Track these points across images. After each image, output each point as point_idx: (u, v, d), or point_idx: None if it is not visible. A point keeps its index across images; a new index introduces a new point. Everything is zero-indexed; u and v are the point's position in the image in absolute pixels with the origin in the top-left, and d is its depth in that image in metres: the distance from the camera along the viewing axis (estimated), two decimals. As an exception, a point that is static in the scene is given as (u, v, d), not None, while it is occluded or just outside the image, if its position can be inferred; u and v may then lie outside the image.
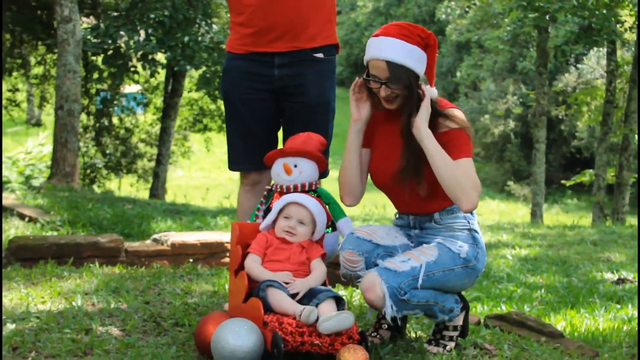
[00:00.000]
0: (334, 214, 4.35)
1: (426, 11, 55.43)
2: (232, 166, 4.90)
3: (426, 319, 4.62)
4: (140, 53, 18.03)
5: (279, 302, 3.70)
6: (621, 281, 7.89)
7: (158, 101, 26.75)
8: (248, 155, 4.76)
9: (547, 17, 20.25)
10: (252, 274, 3.88)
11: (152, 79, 24.07)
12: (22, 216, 9.35)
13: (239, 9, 4.69)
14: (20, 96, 26.60)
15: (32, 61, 23.68)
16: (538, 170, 21.76)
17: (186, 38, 17.66)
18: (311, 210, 4.02)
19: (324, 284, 3.94)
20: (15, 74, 22.99)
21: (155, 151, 25.20)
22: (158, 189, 22.21)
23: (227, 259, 6.55)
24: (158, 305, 4.74)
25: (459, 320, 4.19)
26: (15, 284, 5.12)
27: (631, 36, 22.19)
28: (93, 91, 22.39)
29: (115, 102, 23.54)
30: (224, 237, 6.81)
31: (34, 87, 26.56)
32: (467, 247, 4.02)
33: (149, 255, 6.50)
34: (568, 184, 27.42)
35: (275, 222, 4.06)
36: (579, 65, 39.39)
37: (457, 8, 45.33)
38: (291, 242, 3.98)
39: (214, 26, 18.88)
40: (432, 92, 3.99)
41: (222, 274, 5.91)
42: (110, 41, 17.74)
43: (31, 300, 4.69)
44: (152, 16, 17.70)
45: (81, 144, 22.82)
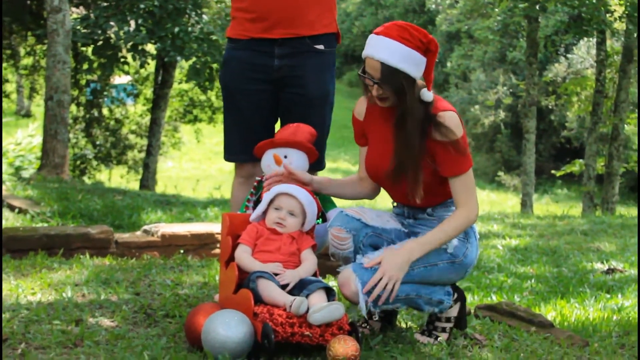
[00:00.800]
0: (324, 205, 4.35)
1: (416, 1, 55.37)
2: (228, 156, 4.88)
3: (416, 310, 4.63)
4: (130, 44, 18.00)
5: (269, 293, 3.70)
6: (611, 271, 7.91)
7: (148, 92, 26.71)
8: (244, 146, 4.74)
9: (537, 7, 20.28)
10: (243, 265, 3.88)
11: (142, 70, 24.04)
12: (12, 207, 9.33)
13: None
14: (9, 87, 26.54)
15: (22, 52, 23.63)
16: (528, 160, 21.80)
17: (176, 29, 17.64)
18: (301, 201, 4.02)
19: (315, 275, 3.94)
20: (4, 65, 22.92)
21: (145, 142, 25.19)
22: (148, 180, 22.20)
23: (218, 250, 6.55)
24: (148, 296, 4.74)
25: (453, 311, 4.18)
26: (5, 276, 5.11)
27: (621, 26, 22.21)
28: (83, 82, 22.36)
29: (105, 93, 23.52)
30: (215, 228, 6.82)
31: (24, 78, 26.51)
32: (456, 242, 4.00)
33: (140, 246, 6.50)
34: (558, 174, 27.49)
35: (265, 213, 4.06)
36: (569, 55, 39.45)
37: (447, -2, 45.32)
38: (281, 233, 3.98)
39: (204, 17, 18.85)
40: (428, 96, 3.94)
41: (213, 265, 5.91)
42: (100, 32, 17.71)
43: (21, 291, 4.68)
44: (142, 6, 17.67)
45: (71, 135, 22.79)
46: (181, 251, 6.54)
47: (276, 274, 3.79)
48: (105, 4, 18.39)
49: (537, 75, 22.91)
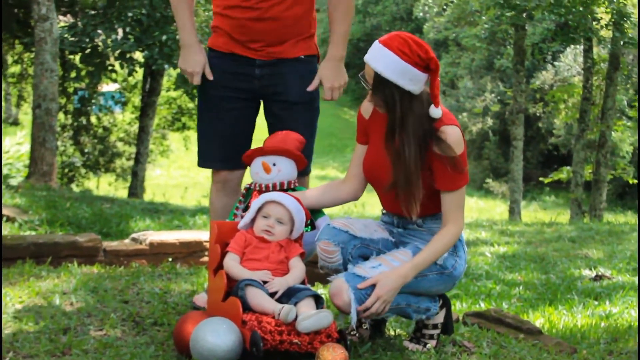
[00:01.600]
0: (313, 213, 4.35)
1: (404, 9, 55.46)
2: (203, 163, 4.85)
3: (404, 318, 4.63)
4: (118, 52, 17.99)
5: (258, 301, 3.70)
6: (599, 278, 7.94)
7: (136, 100, 26.69)
8: (221, 153, 4.74)
9: (524, 15, 20.36)
10: (231, 273, 3.88)
11: (130, 78, 24.04)
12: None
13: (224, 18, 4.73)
14: (-3, 95, 26.46)
15: (9, 60, 23.57)
16: (516, 167, 21.87)
17: (164, 36, 17.61)
18: (290, 209, 4.02)
19: (303, 283, 3.94)
20: (-9, 74, 22.89)
21: (133, 150, 25.15)
22: (137, 188, 22.17)
23: (206, 258, 6.54)
24: (137, 304, 4.73)
25: (439, 318, 4.19)
26: (-7, 284, 5.10)
27: (607, 33, 22.29)
28: (71, 90, 22.32)
29: (93, 101, 23.48)
30: (203, 236, 6.80)
31: (11, 86, 26.45)
32: (445, 254, 4.00)
33: (128, 254, 6.48)
34: (546, 181, 27.54)
35: (253, 221, 4.06)
36: (556, 62, 39.57)
37: (435, 6, 45.33)
38: (270, 241, 3.98)
39: (192, 24, 18.82)
40: (436, 113, 3.92)
41: (201, 273, 5.90)
42: (87, 40, 17.70)
43: (9, 300, 4.67)
44: (130, 14, 17.66)
45: (59, 143, 22.74)
46: (169, 259, 6.52)
47: (265, 282, 3.80)
48: (92, 12, 18.38)
49: (525, 82, 22.97)
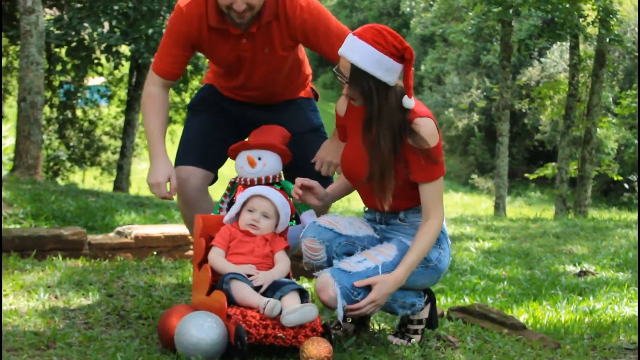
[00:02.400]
0: (298, 207, 4.36)
1: (391, 4, 55.51)
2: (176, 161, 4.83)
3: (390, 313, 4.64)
4: (104, 45, 17.95)
5: (243, 295, 3.70)
6: (583, 273, 7.96)
7: (122, 93, 26.63)
8: (194, 152, 4.77)
9: (511, 11, 20.40)
10: (216, 267, 3.88)
11: (116, 71, 24.00)
12: (-16, 209, 9.28)
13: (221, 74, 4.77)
14: (-18, 88, 26.34)
15: (-6, 53, 23.48)
16: (501, 163, 21.91)
17: (150, 30, 17.59)
18: (275, 202, 4.02)
19: (288, 277, 3.95)
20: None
21: (119, 144, 25.11)
22: (122, 182, 22.13)
23: (191, 252, 6.53)
24: (122, 298, 4.72)
25: (424, 313, 4.20)
26: (-23, 277, 5.08)
27: (594, 30, 22.35)
28: (56, 83, 22.26)
29: (79, 95, 23.43)
30: (188, 230, 6.80)
31: (-4, 79, 26.34)
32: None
33: (113, 248, 6.47)
34: (531, 177, 27.64)
35: (239, 215, 4.06)
36: (543, 59, 39.69)
37: (422, 1, 45.44)
38: (255, 235, 3.98)
39: (179, 18, 18.79)
40: (409, 103, 3.93)
41: (186, 267, 5.90)
42: (73, 33, 17.65)
43: (-7, 293, 4.66)
44: (116, 8, 17.62)
45: (44, 137, 22.68)
46: (154, 253, 6.52)
47: (249, 276, 3.80)
48: (79, 6, 18.31)
49: (511, 78, 23.05)
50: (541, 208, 26.30)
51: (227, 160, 4.73)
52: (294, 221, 4.36)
